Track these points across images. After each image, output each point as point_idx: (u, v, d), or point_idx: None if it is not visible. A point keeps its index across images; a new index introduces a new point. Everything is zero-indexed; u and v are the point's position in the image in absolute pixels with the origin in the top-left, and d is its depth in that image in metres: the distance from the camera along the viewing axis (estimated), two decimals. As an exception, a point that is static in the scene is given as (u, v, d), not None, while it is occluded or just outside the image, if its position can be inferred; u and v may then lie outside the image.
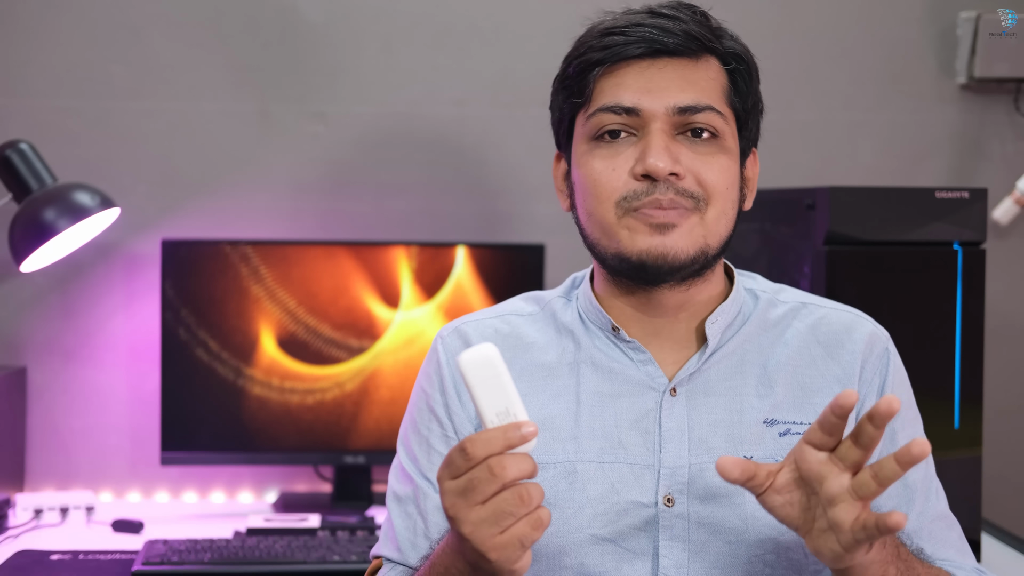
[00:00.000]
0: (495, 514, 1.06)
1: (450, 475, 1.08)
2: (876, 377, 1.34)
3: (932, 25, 2.55)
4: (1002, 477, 2.48)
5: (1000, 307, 2.51)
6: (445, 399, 1.35)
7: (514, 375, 1.34)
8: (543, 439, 1.31)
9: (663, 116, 1.27)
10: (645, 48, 1.28)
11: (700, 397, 1.31)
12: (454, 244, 2.36)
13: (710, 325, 1.32)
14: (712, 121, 1.28)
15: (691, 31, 1.29)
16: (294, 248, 2.32)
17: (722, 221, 1.29)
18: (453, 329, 1.39)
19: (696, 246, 1.27)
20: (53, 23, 2.39)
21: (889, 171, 2.55)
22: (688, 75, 1.29)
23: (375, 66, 2.46)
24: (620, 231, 1.27)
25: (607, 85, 1.29)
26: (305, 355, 2.31)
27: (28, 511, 2.25)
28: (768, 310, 1.37)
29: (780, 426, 1.30)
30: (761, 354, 1.34)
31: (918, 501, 1.33)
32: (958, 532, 1.37)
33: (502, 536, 1.06)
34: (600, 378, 1.33)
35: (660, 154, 1.25)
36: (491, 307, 1.43)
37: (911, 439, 1.32)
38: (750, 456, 1.29)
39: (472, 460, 1.06)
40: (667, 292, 1.31)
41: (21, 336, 2.41)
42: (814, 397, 1.32)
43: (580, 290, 1.39)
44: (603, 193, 1.28)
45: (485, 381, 1.07)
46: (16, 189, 2.18)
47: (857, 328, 1.36)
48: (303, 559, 2.00)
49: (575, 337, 1.36)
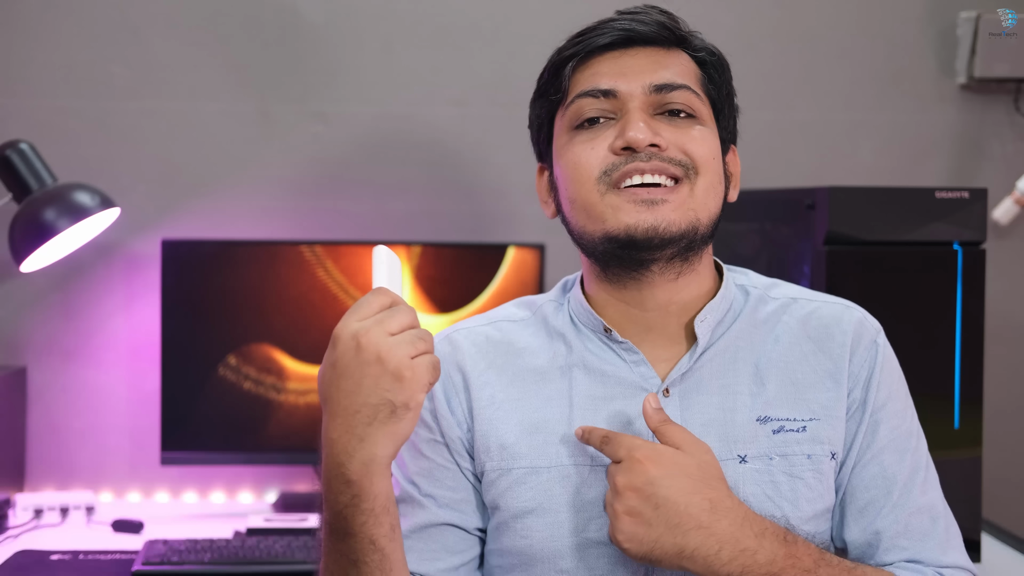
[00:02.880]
0: (409, 339, 1.13)
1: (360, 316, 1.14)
2: (863, 369, 1.33)
3: (932, 25, 2.55)
4: (1002, 477, 2.48)
5: (1000, 307, 2.51)
6: (433, 404, 1.34)
7: (506, 381, 1.34)
8: (535, 443, 1.31)
9: (640, 95, 1.29)
10: (617, 35, 1.31)
11: (693, 396, 1.31)
12: (454, 244, 2.36)
13: (699, 323, 1.32)
14: (689, 100, 1.30)
15: (663, 21, 1.32)
16: (294, 248, 2.32)
17: (711, 194, 1.30)
18: (444, 337, 1.39)
19: (687, 219, 1.27)
20: (53, 23, 2.39)
21: (889, 171, 2.56)
22: (661, 60, 1.31)
23: (375, 66, 2.46)
24: (604, 209, 1.28)
25: (581, 76, 1.32)
26: (305, 355, 2.31)
27: (28, 511, 2.25)
28: (759, 307, 1.37)
29: (773, 423, 1.30)
30: (753, 351, 1.34)
31: (896, 492, 1.32)
32: (944, 525, 1.34)
33: (412, 363, 1.12)
34: (592, 381, 1.33)
35: (639, 126, 1.27)
36: (483, 314, 1.43)
37: (895, 430, 1.33)
38: (744, 455, 1.29)
39: (369, 305, 1.14)
40: (657, 278, 1.31)
41: (21, 336, 2.41)
42: (806, 393, 1.32)
43: (571, 293, 1.39)
44: (583, 173, 1.29)
45: (390, 271, 1.20)
46: (16, 189, 2.18)
47: (844, 319, 1.35)
48: (303, 559, 2.00)
49: (566, 340, 1.35)
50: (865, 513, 1.32)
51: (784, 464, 1.29)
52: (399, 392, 1.11)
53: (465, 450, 1.34)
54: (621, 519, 1.18)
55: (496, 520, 1.32)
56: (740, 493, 1.27)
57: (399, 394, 1.11)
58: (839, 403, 1.32)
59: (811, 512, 1.29)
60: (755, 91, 2.44)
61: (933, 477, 1.36)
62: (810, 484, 1.29)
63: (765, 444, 1.29)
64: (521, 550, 1.30)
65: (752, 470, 1.28)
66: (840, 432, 1.31)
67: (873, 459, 1.32)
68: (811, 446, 1.30)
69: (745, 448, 1.29)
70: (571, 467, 1.29)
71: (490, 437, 1.32)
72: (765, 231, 2.05)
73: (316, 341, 2.31)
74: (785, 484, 1.29)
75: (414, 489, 1.33)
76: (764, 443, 1.29)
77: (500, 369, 1.35)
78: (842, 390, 1.32)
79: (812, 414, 1.31)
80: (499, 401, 1.33)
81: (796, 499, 1.28)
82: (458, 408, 1.34)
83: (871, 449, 1.32)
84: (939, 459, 1.41)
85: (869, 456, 1.32)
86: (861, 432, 1.32)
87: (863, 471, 1.32)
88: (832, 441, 1.31)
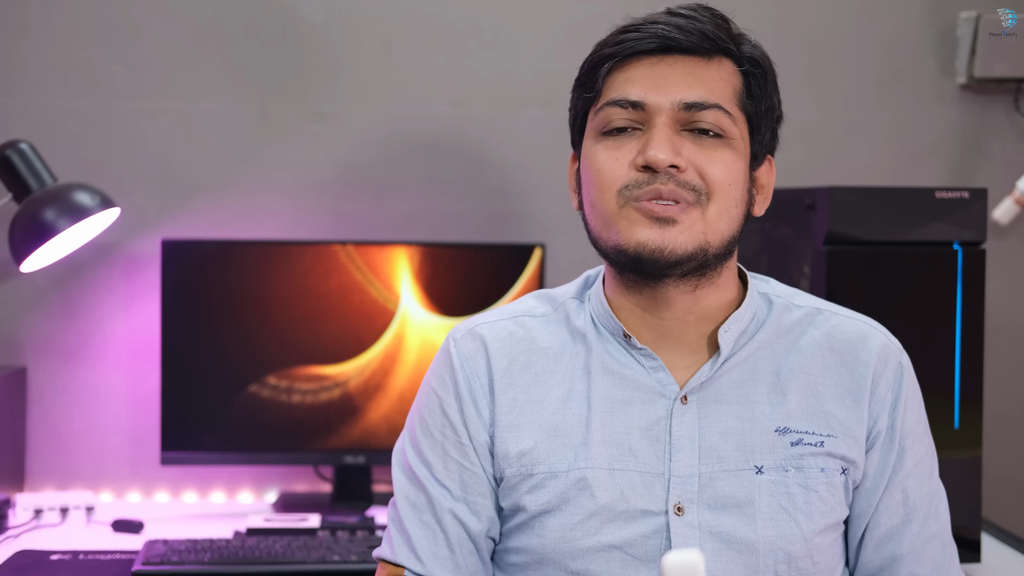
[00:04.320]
0: None
1: None
2: (889, 394, 1.32)
3: (932, 25, 2.55)
4: (1002, 477, 2.48)
5: (1000, 307, 2.51)
6: (460, 404, 1.34)
7: (528, 381, 1.34)
8: (554, 447, 1.30)
9: (668, 111, 1.27)
10: (656, 43, 1.28)
11: (711, 405, 1.30)
12: (454, 244, 2.36)
13: (723, 333, 1.31)
14: (719, 120, 1.28)
15: (706, 30, 1.29)
16: (294, 248, 2.31)
17: (724, 219, 1.28)
18: (467, 331, 1.37)
19: (695, 242, 1.26)
20: (53, 23, 2.39)
21: (889, 171, 2.55)
22: (698, 72, 1.28)
23: (375, 66, 2.46)
24: (620, 221, 1.27)
25: (616, 80, 1.30)
26: (305, 355, 2.31)
27: (28, 511, 2.25)
28: (783, 315, 1.36)
29: (792, 435, 1.30)
30: (774, 360, 1.33)
31: (916, 521, 1.33)
32: (950, 552, 1.36)
33: None
34: (612, 383, 1.32)
35: (661, 146, 1.25)
36: (503, 307, 1.41)
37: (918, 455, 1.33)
38: (761, 466, 1.28)
39: None
40: (672, 291, 1.30)
41: (21, 336, 2.41)
42: (826, 406, 1.31)
43: (592, 291, 1.38)
44: (605, 182, 1.28)
45: None
46: (16, 189, 2.17)
47: (871, 340, 1.34)
48: (303, 559, 1.99)
49: (587, 342, 1.35)
50: (886, 540, 1.33)
51: (799, 476, 1.28)
52: None
53: (488, 453, 1.33)
54: None
55: (515, 521, 1.32)
56: (756, 503, 1.27)
57: None
58: (858, 424, 1.31)
59: (824, 524, 1.29)
60: (755, 91, 2.44)
61: (944, 499, 1.37)
62: (824, 497, 1.29)
63: (782, 455, 1.29)
64: (535, 548, 1.30)
65: (768, 481, 1.28)
66: (854, 452, 1.31)
67: (898, 486, 1.32)
68: (825, 460, 1.29)
69: (762, 459, 1.29)
70: (588, 471, 1.29)
71: (509, 444, 1.31)
72: (765, 231, 2.05)
73: (316, 341, 2.31)
74: (800, 496, 1.28)
75: (443, 491, 1.33)
76: (781, 454, 1.29)
77: (523, 368, 1.34)
78: (862, 412, 1.31)
79: (830, 430, 1.30)
80: (520, 404, 1.32)
81: (811, 512, 1.28)
82: (485, 409, 1.33)
83: (898, 476, 1.32)
84: (939, 459, 1.41)
85: (895, 483, 1.32)
86: (891, 460, 1.32)
87: (888, 498, 1.32)
88: (845, 458, 1.30)
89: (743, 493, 1.27)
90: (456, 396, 1.34)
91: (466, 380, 1.34)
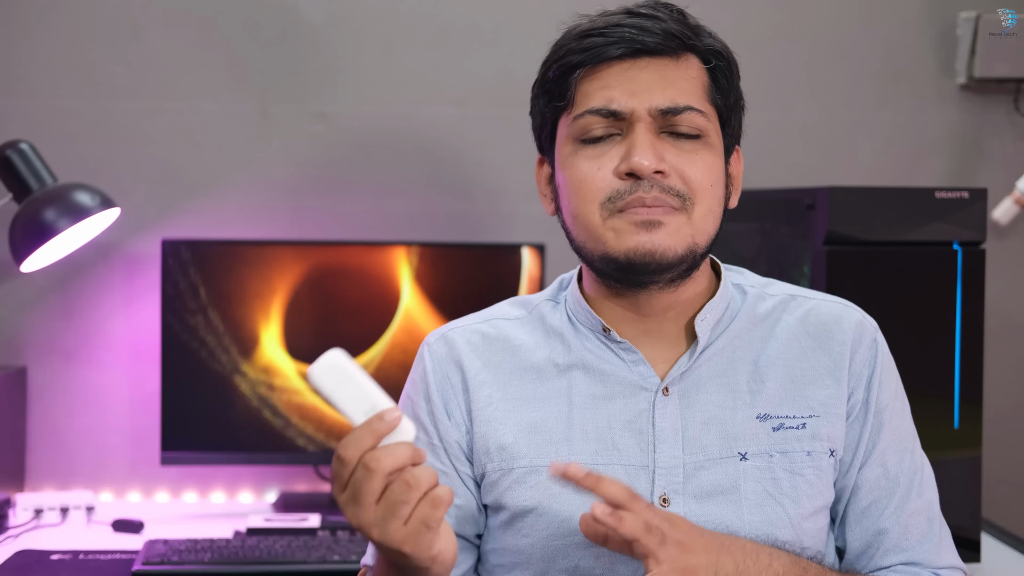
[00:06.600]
0: (390, 508, 1.07)
1: (339, 488, 1.08)
2: (865, 369, 1.33)
3: (932, 25, 2.55)
4: (1002, 477, 2.48)
5: (1000, 307, 2.51)
6: (430, 407, 1.34)
7: (504, 379, 1.34)
8: (535, 442, 1.31)
9: (646, 116, 1.27)
10: (625, 48, 1.27)
11: (692, 395, 1.31)
12: (455, 244, 2.36)
13: (699, 323, 1.32)
14: (694, 121, 1.28)
15: (670, 30, 1.28)
16: (294, 248, 2.32)
17: (709, 219, 1.29)
18: (440, 336, 1.38)
19: (684, 244, 1.27)
20: (53, 23, 2.39)
21: (889, 171, 2.55)
22: (668, 75, 1.28)
23: (375, 66, 2.46)
24: (606, 233, 1.27)
25: (590, 88, 1.29)
26: (305, 355, 2.31)
27: (28, 511, 2.25)
28: (757, 304, 1.37)
29: (773, 420, 1.30)
30: (752, 349, 1.34)
31: (898, 494, 1.33)
32: (938, 526, 1.36)
33: (406, 527, 1.07)
34: (592, 380, 1.32)
35: (645, 152, 1.25)
36: (477, 312, 1.42)
37: (896, 430, 1.33)
38: (744, 452, 1.29)
39: (348, 463, 1.07)
40: (655, 294, 1.31)
41: (21, 336, 2.41)
42: (805, 390, 1.32)
43: (568, 292, 1.38)
44: (588, 193, 1.28)
45: (340, 386, 1.08)
46: (16, 189, 2.17)
47: (845, 318, 1.35)
48: (303, 559, 2.00)
49: (564, 339, 1.35)
50: (867, 514, 1.33)
51: (784, 461, 1.29)
52: (407, 559, 1.09)
53: (464, 454, 1.33)
54: None
55: (498, 519, 1.32)
56: (741, 490, 1.27)
57: (408, 560, 1.10)
58: (839, 401, 1.32)
59: (811, 508, 1.30)
60: (755, 91, 2.42)
61: (929, 477, 1.37)
62: (810, 481, 1.30)
63: (765, 441, 1.30)
64: (521, 549, 1.30)
65: (753, 467, 1.29)
66: (839, 430, 1.32)
67: (877, 460, 1.33)
68: (811, 443, 1.30)
69: (745, 446, 1.29)
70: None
71: (489, 438, 1.32)
72: (765, 231, 2.05)
73: (316, 341, 2.31)
74: (786, 481, 1.29)
75: None
76: (764, 440, 1.30)
77: (497, 367, 1.35)
78: (842, 388, 1.32)
79: (811, 411, 1.31)
80: (497, 401, 1.33)
81: (797, 496, 1.29)
82: (456, 411, 1.33)
83: (876, 450, 1.33)
84: (939, 459, 1.41)
85: (874, 457, 1.33)
86: (867, 433, 1.33)
87: (867, 472, 1.33)
88: (831, 438, 1.31)
89: (728, 481, 1.28)
90: (427, 399, 1.35)
91: (437, 383, 1.35)
